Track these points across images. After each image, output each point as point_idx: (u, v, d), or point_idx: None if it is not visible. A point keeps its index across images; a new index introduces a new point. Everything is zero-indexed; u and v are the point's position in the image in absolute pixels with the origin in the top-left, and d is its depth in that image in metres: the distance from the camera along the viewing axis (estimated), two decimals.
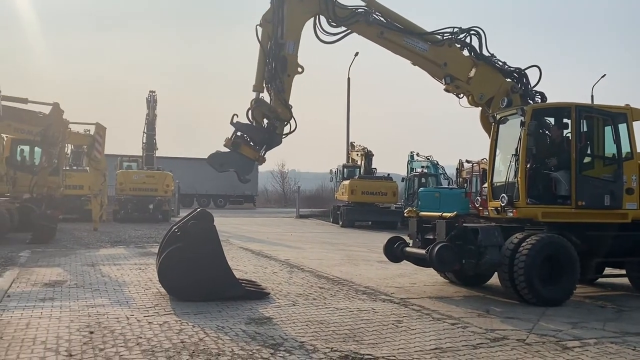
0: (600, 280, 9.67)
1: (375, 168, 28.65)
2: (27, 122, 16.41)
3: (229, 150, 8.08)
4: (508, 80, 9.27)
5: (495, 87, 9.19)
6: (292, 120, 8.33)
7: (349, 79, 34.27)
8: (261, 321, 6.27)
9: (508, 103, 8.86)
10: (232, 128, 8.09)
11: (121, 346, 5.11)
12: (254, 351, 5.09)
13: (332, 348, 5.27)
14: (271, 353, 5.05)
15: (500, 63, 9.27)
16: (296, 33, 8.32)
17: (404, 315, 6.82)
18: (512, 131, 8.53)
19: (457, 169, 26.64)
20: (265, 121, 8.27)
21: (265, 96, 8.32)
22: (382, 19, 8.87)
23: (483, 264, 7.85)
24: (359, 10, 8.73)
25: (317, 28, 8.56)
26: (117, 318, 6.19)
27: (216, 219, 7.65)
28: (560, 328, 6.37)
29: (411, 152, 31.49)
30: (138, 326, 5.85)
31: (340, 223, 25.52)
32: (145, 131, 26.08)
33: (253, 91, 8.24)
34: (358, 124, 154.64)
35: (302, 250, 14.67)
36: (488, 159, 9.24)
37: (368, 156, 28.40)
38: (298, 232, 21.57)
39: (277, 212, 38.63)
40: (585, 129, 8.46)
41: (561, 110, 8.74)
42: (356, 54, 33.01)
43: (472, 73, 9.17)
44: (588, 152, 8.55)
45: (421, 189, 24.93)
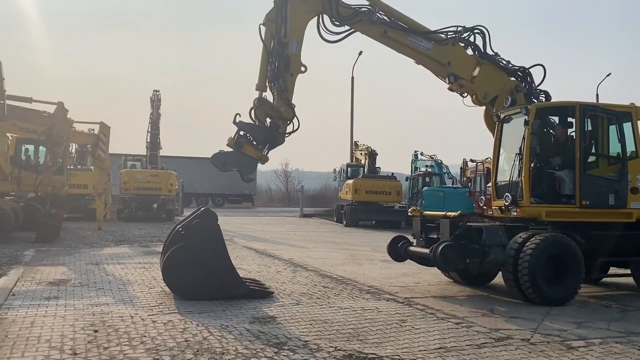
0: (605, 279, 9.63)
1: (379, 167, 28.65)
2: (32, 122, 16.49)
3: (232, 149, 8.09)
4: (512, 79, 9.25)
5: (499, 86, 9.17)
6: (295, 119, 8.33)
7: (353, 78, 34.33)
8: (265, 320, 6.27)
9: (512, 102, 8.83)
10: (235, 127, 8.10)
11: (125, 345, 5.12)
12: (258, 350, 5.09)
13: (336, 347, 5.27)
14: (275, 352, 5.05)
15: (504, 62, 9.24)
16: (299, 32, 8.32)
17: (408, 314, 6.81)
18: (516, 130, 8.51)
19: (461, 168, 26.62)
20: (268, 120, 8.27)
21: (268, 95, 8.32)
22: (386, 18, 8.86)
23: (487, 264, 7.84)
24: (363, 9, 8.72)
25: (321, 27, 8.56)
26: (122, 317, 6.21)
27: (220, 218, 7.65)
28: (564, 328, 6.35)
29: (415, 152, 31.47)
30: (142, 325, 5.86)
31: (344, 222, 25.53)
32: (149, 130, 26.14)
33: (256, 90, 8.23)
34: (362, 123, 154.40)
35: (306, 249, 14.67)
36: (492, 158, 9.23)
37: (372, 155, 28.38)
38: (302, 232, 21.58)
39: (281, 211, 38.66)
40: (589, 128, 8.43)
41: (565, 109, 8.71)
42: (360, 53, 33.04)
43: (476, 72, 9.16)
44: (592, 151, 8.53)
45: (425, 188, 24.93)
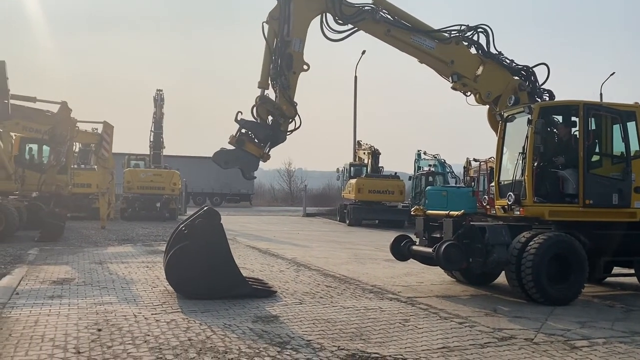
0: (608, 279, 9.60)
1: (382, 166, 28.64)
2: (36, 121, 16.52)
3: (234, 147, 8.10)
4: (515, 78, 9.22)
5: (502, 85, 9.15)
6: (297, 117, 8.33)
7: (356, 77, 34.26)
8: (268, 319, 6.27)
9: (515, 101, 8.82)
10: (237, 125, 8.10)
11: (129, 344, 5.13)
12: (261, 349, 5.10)
13: (339, 346, 5.27)
14: (278, 351, 5.05)
15: (507, 61, 9.22)
16: (302, 30, 8.32)
17: (411, 314, 6.81)
18: (520, 129, 8.49)
19: (465, 168, 26.65)
20: (269, 118, 8.27)
21: (270, 93, 8.32)
22: (389, 17, 8.84)
23: (490, 263, 7.82)
24: (366, 7, 8.70)
25: (324, 26, 8.55)
26: (125, 316, 6.22)
27: (222, 218, 7.66)
28: (568, 327, 6.34)
29: (418, 151, 31.50)
30: (145, 324, 5.87)
31: (347, 222, 25.52)
32: (152, 129, 26.17)
33: (258, 87, 8.23)
34: (365, 122, 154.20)
35: (309, 248, 14.67)
36: (495, 157, 9.21)
37: (375, 155, 28.37)
38: (305, 231, 21.59)
39: (284, 211, 38.67)
40: (593, 127, 8.41)
41: (569, 108, 8.69)
42: (363, 52, 32.99)
43: (480, 71, 9.13)
44: (596, 151, 8.50)
45: (428, 188, 24.93)
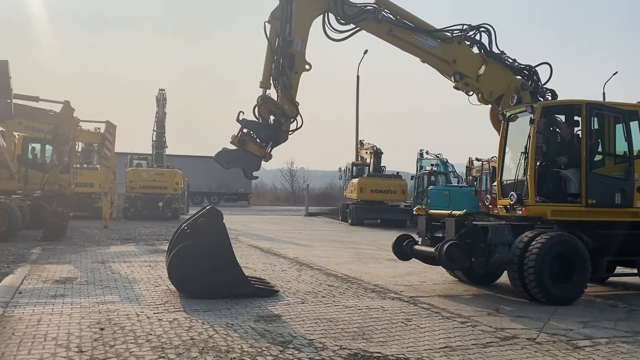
0: (611, 279, 9.59)
1: (384, 166, 28.61)
2: (38, 120, 16.56)
3: (236, 147, 8.11)
4: (518, 77, 9.21)
5: (505, 85, 9.14)
6: (299, 117, 8.33)
7: (358, 77, 34.29)
8: (270, 319, 6.28)
9: (518, 100, 8.81)
10: (238, 125, 8.11)
11: (131, 343, 5.14)
12: (263, 348, 5.10)
13: (341, 346, 5.27)
14: (280, 350, 5.06)
15: (510, 60, 9.21)
16: (304, 30, 8.32)
17: (413, 313, 6.81)
18: (522, 129, 8.48)
19: (467, 167, 26.61)
20: (271, 118, 8.28)
21: (272, 93, 8.32)
22: (391, 17, 8.84)
23: (493, 263, 7.81)
24: (368, 7, 8.70)
25: (326, 25, 8.55)
26: (127, 315, 6.23)
27: (224, 217, 7.66)
28: (571, 327, 6.33)
29: (420, 150, 31.47)
30: (148, 323, 5.88)
31: (349, 221, 25.52)
32: (155, 129, 26.21)
33: (260, 87, 8.24)
34: (367, 122, 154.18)
35: (311, 248, 14.67)
36: (497, 157, 9.20)
37: (377, 154, 28.35)
38: (307, 230, 21.60)
39: (286, 210, 38.68)
40: (596, 127, 8.39)
41: (571, 107, 8.67)
42: (365, 52, 32.99)
43: (482, 70, 9.12)
44: (599, 150, 8.48)
45: (430, 187, 24.89)
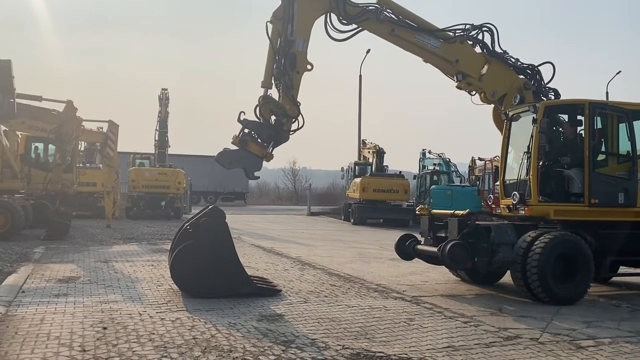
0: (614, 279, 9.56)
1: (386, 165, 28.60)
2: (41, 120, 16.62)
3: (237, 147, 8.11)
4: (521, 77, 9.18)
5: (507, 84, 9.12)
6: (300, 117, 8.33)
7: (361, 76, 34.25)
8: (273, 318, 6.28)
9: (520, 100, 8.79)
10: (240, 126, 8.11)
11: (134, 342, 5.15)
12: (266, 348, 5.10)
13: (344, 345, 5.27)
14: (282, 350, 5.06)
15: (512, 60, 9.18)
16: (306, 30, 8.31)
17: (416, 313, 6.80)
18: (525, 128, 8.46)
19: (470, 167, 26.56)
20: (272, 118, 8.28)
21: (273, 93, 8.32)
22: (393, 16, 8.82)
23: (495, 262, 7.80)
24: (370, 7, 8.69)
25: (328, 25, 8.54)
26: (130, 314, 6.24)
27: (227, 217, 7.67)
28: (574, 327, 6.32)
29: (423, 150, 31.43)
30: (150, 322, 5.89)
31: (351, 221, 25.53)
32: (157, 128, 26.27)
33: (261, 87, 8.23)
34: (370, 121, 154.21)
35: (314, 247, 14.67)
36: (500, 156, 9.18)
37: (380, 153, 28.34)
38: (309, 230, 21.60)
39: (288, 210, 38.70)
40: (599, 126, 8.37)
41: (574, 107, 8.65)
42: (368, 51, 32.95)
43: (484, 70, 9.11)
44: (602, 150, 8.46)
45: (433, 187, 24.88)
